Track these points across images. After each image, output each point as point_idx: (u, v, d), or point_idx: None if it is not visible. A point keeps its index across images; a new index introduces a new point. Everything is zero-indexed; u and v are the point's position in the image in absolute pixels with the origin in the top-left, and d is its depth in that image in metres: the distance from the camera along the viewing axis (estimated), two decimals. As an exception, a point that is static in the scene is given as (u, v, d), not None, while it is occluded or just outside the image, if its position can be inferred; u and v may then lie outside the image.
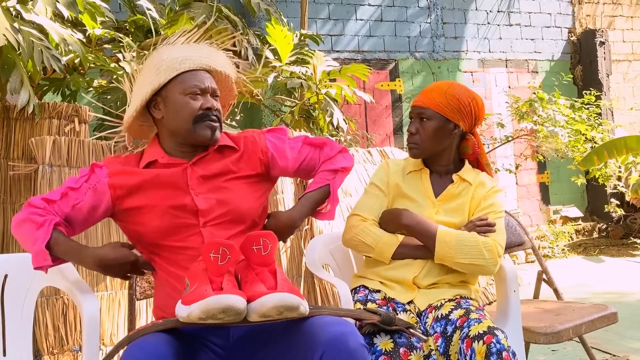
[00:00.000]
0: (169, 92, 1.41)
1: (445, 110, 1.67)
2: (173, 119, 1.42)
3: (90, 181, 1.41)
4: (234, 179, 1.45)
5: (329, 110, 3.57)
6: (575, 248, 5.88)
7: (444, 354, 1.47)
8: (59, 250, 1.33)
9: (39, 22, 2.55)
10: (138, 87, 1.46)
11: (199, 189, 1.41)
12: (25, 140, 2.78)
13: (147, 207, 1.38)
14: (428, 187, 1.74)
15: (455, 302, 1.59)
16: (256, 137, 1.53)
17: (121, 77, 3.02)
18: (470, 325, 1.43)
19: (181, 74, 1.41)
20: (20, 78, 2.49)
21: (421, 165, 1.77)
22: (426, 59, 5.93)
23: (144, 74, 1.46)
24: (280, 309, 1.13)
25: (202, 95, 1.42)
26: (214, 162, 1.45)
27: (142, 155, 1.48)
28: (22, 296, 1.55)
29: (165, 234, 1.37)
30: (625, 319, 3.13)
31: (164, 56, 1.44)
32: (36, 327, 2.44)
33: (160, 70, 1.41)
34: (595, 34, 6.47)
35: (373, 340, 1.40)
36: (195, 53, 1.45)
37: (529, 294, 2.46)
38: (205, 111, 1.41)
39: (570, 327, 1.86)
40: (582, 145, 4.93)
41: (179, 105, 1.40)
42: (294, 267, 2.81)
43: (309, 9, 4.79)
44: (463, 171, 1.76)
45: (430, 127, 1.69)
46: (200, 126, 1.40)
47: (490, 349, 1.35)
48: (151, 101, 1.44)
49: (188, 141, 1.44)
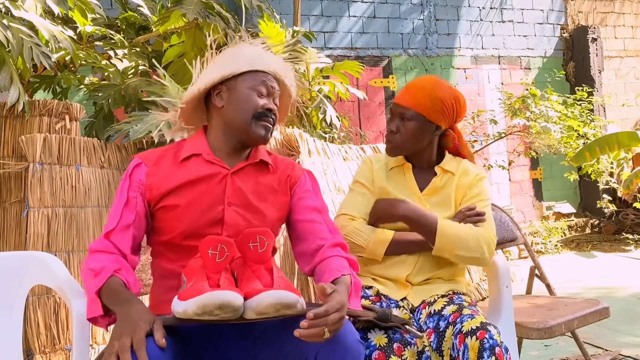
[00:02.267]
0: (238, 83, 1.42)
1: (429, 112, 1.65)
2: (233, 110, 1.41)
3: (134, 185, 1.37)
4: (267, 203, 1.44)
5: (322, 107, 3.56)
6: (567, 244, 5.91)
7: (437, 349, 1.47)
8: (108, 298, 1.21)
9: (28, 18, 2.53)
10: (209, 71, 1.46)
11: (233, 200, 1.40)
12: (15, 138, 2.75)
13: (180, 208, 1.36)
14: (412, 183, 1.73)
15: (448, 298, 1.59)
16: (296, 167, 1.53)
17: (113, 74, 3.01)
18: (463, 321, 1.43)
19: (254, 71, 1.43)
20: (9, 75, 2.47)
21: (403, 160, 1.75)
22: (419, 55, 5.93)
23: (219, 61, 1.47)
24: (277, 307, 1.12)
25: (267, 97, 1.43)
26: (252, 176, 1.44)
27: (183, 146, 1.46)
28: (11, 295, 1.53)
29: (187, 236, 1.36)
30: (617, 313, 3.15)
31: (243, 50, 1.48)
32: (28, 326, 2.42)
33: (237, 61, 1.43)
34: (587, 31, 6.50)
35: (367, 336, 1.40)
36: (272, 58, 1.49)
37: (521, 289, 2.46)
38: (266, 111, 1.42)
39: (562, 322, 1.86)
40: (575, 141, 4.96)
41: (244, 97, 1.41)
42: (288, 264, 2.81)
43: (301, 5, 4.78)
44: (444, 162, 1.74)
45: (411, 127, 1.67)
46: (258, 123, 1.41)
47: (483, 345, 1.35)
48: (215, 89, 1.44)
49: (240, 136, 1.43)
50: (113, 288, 1.22)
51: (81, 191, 2.65)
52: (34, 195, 2.51)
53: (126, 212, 1.35)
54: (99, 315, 1.22)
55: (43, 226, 2.52)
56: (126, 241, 1.33)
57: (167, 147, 1.47)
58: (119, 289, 1.23)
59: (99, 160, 2.77)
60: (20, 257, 1.61)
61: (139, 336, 1.07)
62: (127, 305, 1.17)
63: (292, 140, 2.89)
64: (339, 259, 1.37)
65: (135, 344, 1.06)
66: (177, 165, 1.41)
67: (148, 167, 1.40)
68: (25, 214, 2.52)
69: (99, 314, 1.22)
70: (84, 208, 2.66)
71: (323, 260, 1.38)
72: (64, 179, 2.61)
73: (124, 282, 1.25)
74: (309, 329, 1.08)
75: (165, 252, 1.40)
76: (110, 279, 1.24)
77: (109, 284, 1.23)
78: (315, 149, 3.00)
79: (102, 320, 1.24)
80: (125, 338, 1.07)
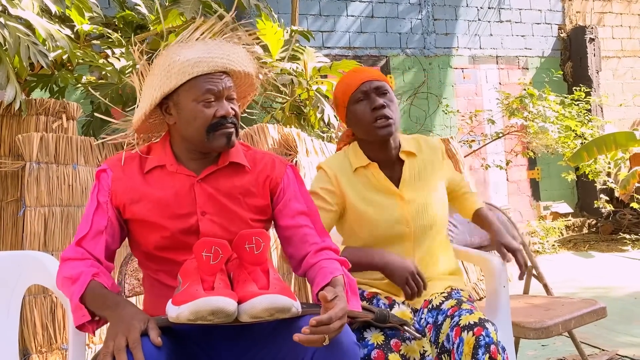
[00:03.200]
0: (181, 97, 1.30)
1: (392, 87, 1.63)
2: (185, 128, 1.31)
3: (103, 191, 1.32)
4: (243, 207, 1.35)
5: (320, 107, 3.56)
6: (565, 244, 5.92)
7: (435, 342, 1.46)
8: (94, 303, 1.18)
9: (25, 17, 2.52)
10: (147, 88, 1.35)
11: (206, 208, 1.32)
12: (12, 137, 2.75)
13: (148, 222, 1.31)
14: (385, 181, 1.61)
15: (447, 293, 1.58)
16: (276, 164, 1.42)
17: (110, 73, 3.00)
18: (462, 315, 1.41)
19: (194, 79, 1.29)
20: (6, 74, 2.46)
21: (366, 159, 1.61)
22: (417, 55, 5.93)
23: (154, 74, 1.34)
24: (271, 311, 1.11)
25: (216, 101, 1.30)
26: (225, 179, 1.35)
27: (148, 154, 1.37)
28: (8, 295, 1.53)
29: (163, 249, 1.32)
30: (614, 313, 3.15)
31: (175, 57, 1.30)
32: (24, 325, 2.42)
33: (172, 73, 1.29)
34: (585, 31, 6.50)
35: (363, 335, 1.39)
36: (210, 53, 1.32)
37: (518, 289, 2.46)
38: (220, 119, 1.29)
39: (559, 322, 1.86)
40: (572, 141, 4.96)
41: (191, 113, 1.29)
42: (285, 264, 2.80)
43: (299, 5, 4.77)
44: (403, 145, 1.64)
45: (394, 101, 1.58)
46: (215, 135, 1.30)
47: (479, 341, 1.33)
48: (162, 104, 1.34)
49: (202, 149, 1.34)
50: (99, 293, 1.19)
51: (78, 190, 2.65)
52: (30, 194, 2.51)
53: (97, 217, 1.30)
54: (86, 321, 1.20)
55: (40, 225, 2.51)
56: (99, 247, 1.28)
57: (135, 153, 1.39)
58: (105, 292, 1.20)
59: (96, 160, 2.77)
60: (17, 257, 1.61)
61: (134, 336, 1.06)
62: (119, 308, 1.15)
63: (290, 140, 2.89)
64: (329, 261, 1.32)
65: (131, 344, 1.05)
66: (142, 176, 1.34)
67: (114, 172, 1.35)
68: (22, 213, 2.51)
69: (87, 319, 1.19)
70: (81, 207, 2.65)
71: (313, 264, 1.33)
72: (61, 178, 2.61)
73: (104, 286, 1.22)
74: (310, 334, 1.06)
75: (146, 262, 1.38)
76: (91, 283, 1.20)
77: (92, 290, 1.19)
78: (313, 148, 3.00)
79: (90, 325, 1.21)
80: (121, 338, 1.06)
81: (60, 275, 1.26)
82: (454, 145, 3.87)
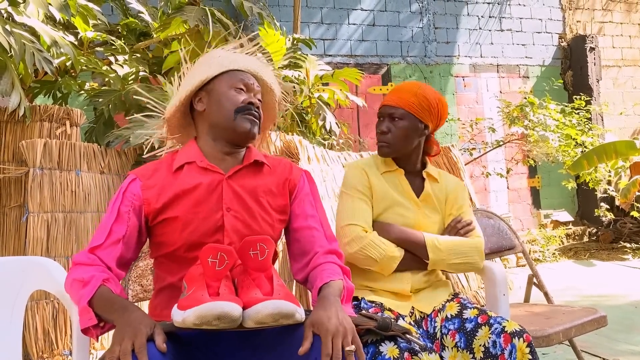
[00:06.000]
0: (216, 85, 1.44)
1: (417, 110, 1.70)
2: (216, 110, 1.42)
3: (127, 202, 1.36)
4: (265, 206, 1.42)
5: (322, 114, 3.58)
6: (565, 252, 5.92)
7: (467, 347, 1.50)
8: (102, 307, 1.21)
9: (30, 24, 2.55)
10: (186, 81, 1.48)
11: (231, 205, 1.38)
12: (15, 143, 2.76)
13: (179, 219, 1.35)
14: (408, 188, 1.75)
15: (456, 302, 1.63)
16: (293, 168, 1.51)
17: (113, 79, 3.02)
18: (501, 322, 1.48)
19: (231, 70, 1.45)
20: (11, 80, 2.48)
21: (394, 165, 1.76)
22: (418, 63, 5.95)
23: (194, 70, 1.49)
24: (275, 317, 1.12)
25: (246, 92, 1.44)
26: (249, 178, 1.43)
27: (176, 156, 1.45)
28: (11, 300, 1.53)
29: (190, 248, 1.35)
30: (615, 322, 3.15)
31: (215, 55, 1.49)
32: (26, 331, 2.42)
33: (212, 64, 1.45)
34: (585, 40, 6.53)
35: (379, 349, 1.37)
36: (245, 59, 1.50)
37: (519, 297, 2.47)
38: (248, 105, 1.42)
39: (560, 330, 1.87)
40: (573, 149, 4.98)
41: (224, 96, 1.42)
42: (287, 271, 2.81)
43: (301, 13, 4.80)
44: (429, 168, 1.80)
45: (402, 126, 1.71)
46: (241, 118, 1.41)
47: (531, 348, 1.43)
48: (196, 96, 1.46)
49: (227, 135, 1.42)
50: (107, 297, 1.22)
51: (81, 196, 2.66)
52: (33, 200, 2.52)
53: (116, 227, 1.34)
54: (92, 325, 1.22)
55: (43, 231, 2.52)
56: (112, 256, 1.31)
57: (160, 160, 1.47)
58: (114, 297, 1.22)
59: (99, 166, 2.78)
60: (20, 262, 1.61)
61: (140, 340, 1.08)
62: (127, 312, 1.17)
63: (292, 147, 2.91)
64: (332, 265, 1.37)
65: (137, 348, 1.06)
66: (172, 175, 1.40)
67: (142, 181, 1.39)
68: (25, 218, 2.52)
69: (93, 323, 1.21)
70: (84, 213, 2.66)
71: (316, 267, 1.38)
72: (64, 184, 2.62)
73: (112, 292, 1.24)
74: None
75: (167, 264, 1.40)
76: (101, 288, 1.23)
77: (101, 294, 1.22)
78: (315, 155, 3.02)
79: (95, 330, 1.23)
80: (127, 342, 1.07)
81: (70, 277, 1.28)
82: (454, 153, 3.88)
